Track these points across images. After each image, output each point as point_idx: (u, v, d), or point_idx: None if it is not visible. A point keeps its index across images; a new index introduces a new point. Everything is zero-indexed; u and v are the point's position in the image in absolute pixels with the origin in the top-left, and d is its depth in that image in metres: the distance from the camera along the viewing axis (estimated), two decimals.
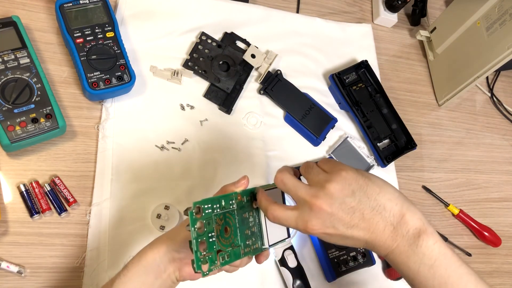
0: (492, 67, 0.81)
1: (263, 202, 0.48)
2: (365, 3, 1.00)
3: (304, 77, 0.85)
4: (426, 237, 0.42)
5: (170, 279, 0.48)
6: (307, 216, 0.44)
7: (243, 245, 0.49)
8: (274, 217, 0.46)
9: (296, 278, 0.67)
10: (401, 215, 0.43)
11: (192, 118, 0.75)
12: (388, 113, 0.84)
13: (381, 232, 0.43)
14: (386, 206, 0.43)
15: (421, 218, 0.43)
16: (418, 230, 0.43)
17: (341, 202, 0.43)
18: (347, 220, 0.43)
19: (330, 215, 0.43)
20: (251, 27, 0.84)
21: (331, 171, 0.45)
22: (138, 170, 0.68)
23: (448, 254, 0.43)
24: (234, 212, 0.47)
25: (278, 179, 0.47)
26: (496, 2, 0.81)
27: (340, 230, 0.43)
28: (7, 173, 0.63)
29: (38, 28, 0.71)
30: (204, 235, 0.43)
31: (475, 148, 0.96)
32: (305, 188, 0.45)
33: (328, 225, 0.43)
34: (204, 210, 0.43)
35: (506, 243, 0.88)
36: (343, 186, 0.43)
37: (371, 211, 0.43)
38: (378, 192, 0.43)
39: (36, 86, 0.62)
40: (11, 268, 0.58)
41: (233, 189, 0.49)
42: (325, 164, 0.47)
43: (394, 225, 0.43)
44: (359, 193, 0.43)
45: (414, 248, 0.42)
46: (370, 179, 0.44)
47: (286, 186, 0.46)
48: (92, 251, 0.62)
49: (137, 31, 0.76)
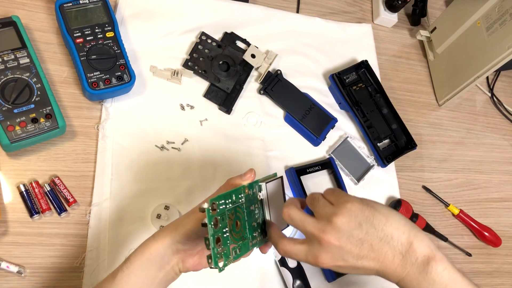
0: (492, 67, 0.81)
1: (274, 236, 0.50)
2: (365, 3, 1.00)
3: (304, 77, 0.85)
4: (435, 264, 0.43)
5: (173, 270, 0.48)
6: (316, 250, 0.45)
7: (251, 237, 0.50)
8: (285, 251, 0.48)
9: (296, 278, 0.67)
10: (409, 243, 0.44)
11: (192, 118, 0.75)
12: (388, 113, 0.84)
13: (390, 262, 0.44)
14: (394, 236, 0.44)
15: (429, 244, 0.44)
16: (427, 257, 0.43)
17: (349, 235, 0.44)
18: (356, 252, 0.44)
19: (339, 249, 0.44)
20: (251, 27, 0.84)
21: (336, 203, 0.46)
22: (138, 170, 0.68)
23: (458, 279, 0.44)
24: (243, 206, 0.48)
25: (286, 215, 0.48)
26: (496, 2, 0.80)
27: (350, 262, 0.44)
28: (7, 173, 0.63)
29: (38, 28, 0.71)
30: (219, 231, 0.44)
31: (475, 148, 0.96)
32: (312, 223, 0.46)
33: (338, 258, 0.44)
34: (218, 206, 0.44)
35: (506, 243, 0.88)
36: (349, 219, 0.44)
37: (379, 241, 0.44)
38: (384, 222, 0.44)
39: (36, 86, 0.62)
40: (11, 268, 0.58)
41: (240, 182, 0.50)
42: (330, 195, 0.48)
43: (403, 253, 0.44)
44: (366, 225, 0.44)
45: (424, 275, 0.43)
46: (375, 209, 0.45)
47: (294, 221, 0.47)
48: (92, 251, 0.61)
49: (137, 31, 0.76)
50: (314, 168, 0.76)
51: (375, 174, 0.82)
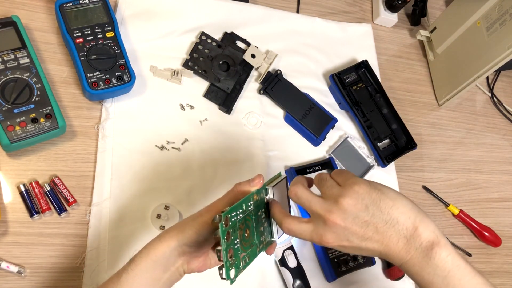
0: (492, 67, 0.81)
1: (277, 214, 0.50)
2: (365, 3, 1.00)
3: (304, 77, 0.85)
4: (439, 249, 0.43)
5: (178, 272, 0.48)
6: (321, 230, 0.45)
7: (258, 242, 0.50)
8: (289, 230, 0.48)
9: (296, 278, 0.67)
10: (414, 228, 0.44)
11: (192, 118, 0.75)
12: (388, 113, 0.84)
13: (394, 245, 0.44)
14: (399, 220, 0.44)
15: (434, 230, 0.44)
16: (431, 242, 0.44)
17: (354, 216, 0.44)
18: (361, 234, 0.44)
19: (344, 229, 0.44)
20: (251, 27, 0.84)
21: (344, 185, 0.46)
22: (138, 170, 0.68)
23: (461, 265, 0.44)
24: (252, 213, 0.48)
25: (292, 193, 0.48)
26: (496, 2, 0.80)
27: (354, 242, 0.45)
28: (7, 173, 0.63)
29: (38, 28, 0.71)
30: (231, 244, 0.44)
31: (475, 148, 0.96)
32: (319, 203, 0.46)
33: (342, 238, 0.45)
34: (230, 219, 0.44)
35: (506, 243, 0.88)
36: (356, 201, 0.44)
37: (385, 224, 0.44)
38: (391, 205, 0.44)
39: (36, 86, 0.62)
40: (11, 268, 0.58)
41: (249, 189, 0.49)
42: (338, 176, 0.48)
43: (408, 237, 0.44)
44: (372, 207, 0.44)
45: (428, 260, 0.43)
46: (383, 192, 0.45)
47: (300, 200, 0.48)
48: (92, 251, 0.61)
49: (137, 31, 0.76)
50: (314, 168, 0.76)
51: (375, 174, 0.82)
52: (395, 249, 0.44)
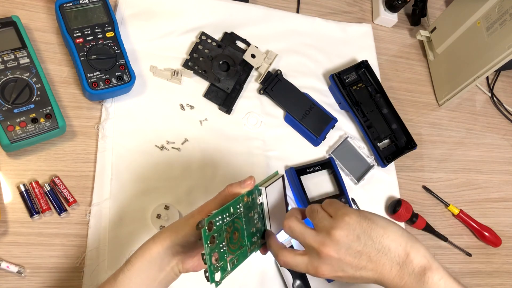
0: (492, 67, 0.81)
1: (274, 247, 0.51)
2: (365, 3, 1.00)
3: (304, 77, 0.85)
4: (431, 274, 0.44)
5: (173, 271, 0.49)
6: (316, 262, 0.46)
7: (249, 243, 0.50)
8: (285, 262, 0.49)
9: (296, 278, 0.67)
10: (406, 254, 0.45)
11: (192, 118, 0.75)
12: (388, 113, 0.84)
13: (388, 272, 0.45)
14: (391, 247, 0.45)
15: (426, 255, 0.45)
16: (423, 268, 0.44)
17: (347, 247, 0.45)
18: (355, 264, 0.45)
19: (338, 260, 0.45)
20: (251, 27, 0.84)
21: (335, 216, 0.47)
22: (138, 170, 0.68)
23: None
24: (241, 215, 0.48)
25: (286, 227, 0.49)
26: (496, 2, 0.80)
27: (349, 273, 0.46)
28: (7, 173, 0.63)
29: (38, 28, 0.71)
30: (216, 248, 0.44)
31: (475, 148, 0.96)
32: (312, 236, 0.47)
33: (337, 269, 0.46)
34: (215, 223, 0.44)
35: (506, 243, 0.88)
36: (348, 232, 0.45)
37: (377, 253, 0.45)
38: (382, 234, 0.45)
39: (36, 86, 0.62)
40: (11, 268, 0.58)
41: (239, 190, 0.50)
42: (329, 207, 0.49)
43: (400, 264, 0.45)
44: (364, 237, 0.45)
45: (421, 285, 0.44)
46: (373, 221, 0.46)
47: (294, 233, 0.49)
48: (92, 251, 0.62)
49: (137, 31, 0.76)
50: (314, 168, 0.76)
51: (375, 174, 0.82)
52: (389, 276, 0.45)
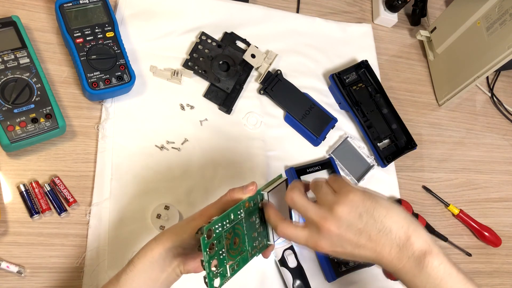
0: (492, 67, 0.81)
1: (272, 218, 0.50)
2: (365, 3, 1.00)
3: (304, 77, 0.85)
4: (431, 258, 0.44)
5: (175, 272, 0.49)
6: (316, 236, 0.46)
7: (250, 248, 0.49)
8: (284, 234, 0.48)
9: (296, 278, 0.67)
10: (407, 237, 0.44)
11: (192, 118, 0.75)
12: (388, 113, 0.84)
13: (387, 253, 0.45)
14: (392, 229, 0.45)
15: (427, 239, 0.45)
16: (423, 252, 0.44)
17: (348, 224, 0.45)
18: (355, 241, 0.45)
19: (338, 236, 0.45)
20: (251, 27, 0.84)
21: (339, 192, 0.47)
22: (138, 170, 0.68)
23: (453, 273, 0.44)
24: (242, 221, 0.48)
25: (288, 198, 0.49)
26: (496, 2, 0.80)
27: (348, 249, 0.46)
28: (7, 173, 0.63)
29: (38, 28, 0.71)
30: (215, 255, 0.44)
31: (475, 148, 0.96)
32: (314, 209, 0.47)
33: (336, 244, 0.46)
34: (214, 230, 0.44)
35: (506, 243, 0.88)
36: (350, 209, 0.45)
37: (378, 233, 0.45)
38: (384, 214, 0.45)
39: (36, 86, 0.62)
40: (11, 268, 0.58)
41: (241, 196, 0.50)
42: (333, 183, 0.49)
43: (400, 246, 0.44)
44: (366, 216, 0.45)
45: (420, 269, 0.44)
46: (377, 202, 0.46)
47: (296, 205, 0.48)
48: (92, 251, 0.62)
49: (137, 31, 0.76)
50: (314, 168, 0.76)
51: (375, 174, 0.82)
52: (388, 257, 0.45)
